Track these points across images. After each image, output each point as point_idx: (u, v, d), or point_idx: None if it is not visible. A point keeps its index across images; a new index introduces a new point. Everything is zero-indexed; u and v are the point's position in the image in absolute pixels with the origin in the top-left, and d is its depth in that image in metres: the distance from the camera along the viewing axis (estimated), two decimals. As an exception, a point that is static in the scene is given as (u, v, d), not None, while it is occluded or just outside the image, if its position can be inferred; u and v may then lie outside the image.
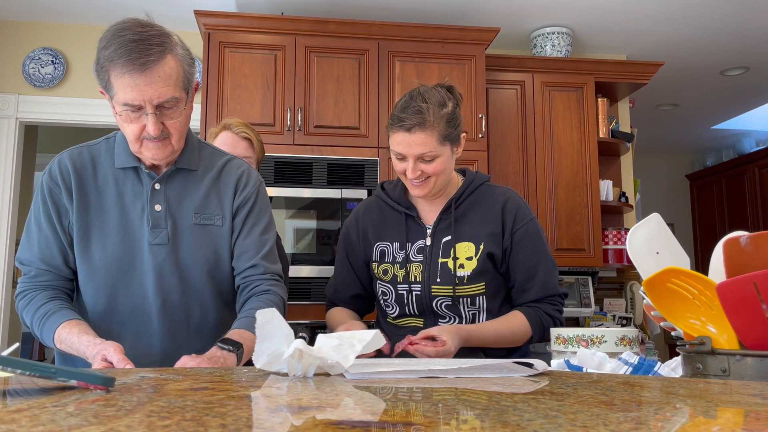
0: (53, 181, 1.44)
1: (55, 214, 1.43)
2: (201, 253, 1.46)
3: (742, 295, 0.88)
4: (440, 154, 1.61)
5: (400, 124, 1.60)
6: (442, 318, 1.67)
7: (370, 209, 1.79)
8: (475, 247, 1.65)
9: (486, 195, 1.72)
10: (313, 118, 3.29)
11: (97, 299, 1.43)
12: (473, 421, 0.53)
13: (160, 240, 1.43)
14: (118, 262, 1.42)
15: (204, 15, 3.28)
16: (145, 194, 1.44)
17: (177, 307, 1.44)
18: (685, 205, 6.99)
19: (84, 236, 1.42)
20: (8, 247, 3.73)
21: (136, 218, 1.43)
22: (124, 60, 1.28)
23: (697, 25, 3.91)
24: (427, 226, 1.70)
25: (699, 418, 0.58)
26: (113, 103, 1.34)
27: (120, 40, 1.29)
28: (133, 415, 0.54)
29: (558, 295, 1.71)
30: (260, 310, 0.95)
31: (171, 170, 1.45)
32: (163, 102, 1.32)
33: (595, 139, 3.79)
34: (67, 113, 3.82)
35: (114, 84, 1.31)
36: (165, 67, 1.31)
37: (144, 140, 1.36)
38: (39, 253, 1.43)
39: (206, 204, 1.48)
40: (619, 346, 1.27)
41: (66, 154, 1.48)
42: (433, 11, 3.71)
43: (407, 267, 1.68)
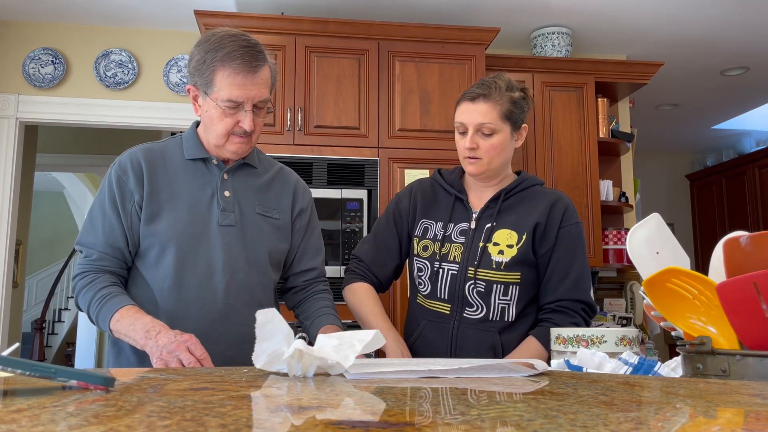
0: (122, 169, 1.55)
1: (119, 199, 1.53)
2: (264, 239, 1.59)
3: (742, 295, 0.88)
4: (499, 130, 1.66)
5: (465, 95, 1.70)
6: (470, 307, 1.65)
7: (423, 186, 1.83)
8: (518, 236, 1.66)
9: (537, 193, 1.74)
10: (313, 118, 3.29)
11: (165, 275, 1.51)
12: (473, 421, 0.53)
13: (229, 221, 1.55)
14: (187, 238, 1.52)
15: (204, 15, 3.28)
16: (215, 182, 1.57)
17: (242, 286, 1.54)
18: (685, 205, 6.99)
19: (155, 216, 1.52)
20: (8, 247, 3.73)
21: (205, 201, 1.55)
22: (237, 62, 1.46)
23: (697, 25, 3.91)
24: (473, 210, 1.72)
25: (699, 418, 0.58)
26: (209, 98, 1.49)
27: (232, 45, 1.47)
28: (133, 415, 0.54)
29: (582, 303, 1.67)
30: (260, 310, 0.96)
31: (239, 163, 1.60)
32: (260, 102, 1.50)
33: (595, 139, 3.79)
34: (67, 113, 3.82)
35: (219, 82, 1.47)
36: (266, 72, 1.51)
37: (232, 135, 1.52)
38: (103, 237, 1.52)
39: (266, 198, 1.63)
40: (619, 346, 1.27)
41: (136, 148, 1.60)
42: (433, 11, 3.71)
43: (447, 246, 1.69)
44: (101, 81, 3.83)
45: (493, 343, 1.63)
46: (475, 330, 1.64)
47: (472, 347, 1.63)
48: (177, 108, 3.86)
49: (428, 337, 1.69)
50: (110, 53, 3.85)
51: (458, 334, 1.65)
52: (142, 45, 3.91)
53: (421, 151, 3.34)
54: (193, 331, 1.41)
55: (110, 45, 3.88)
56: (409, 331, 1.78)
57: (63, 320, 9.03)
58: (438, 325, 1.68)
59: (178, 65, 3.89)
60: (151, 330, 1.36)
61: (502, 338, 1.64)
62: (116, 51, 3.86)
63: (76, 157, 5.86)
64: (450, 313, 1.66)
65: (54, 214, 9.48)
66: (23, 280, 5.12)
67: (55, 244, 9.56)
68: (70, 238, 9.31)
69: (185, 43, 3.92)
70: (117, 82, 3.84)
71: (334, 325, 1.58)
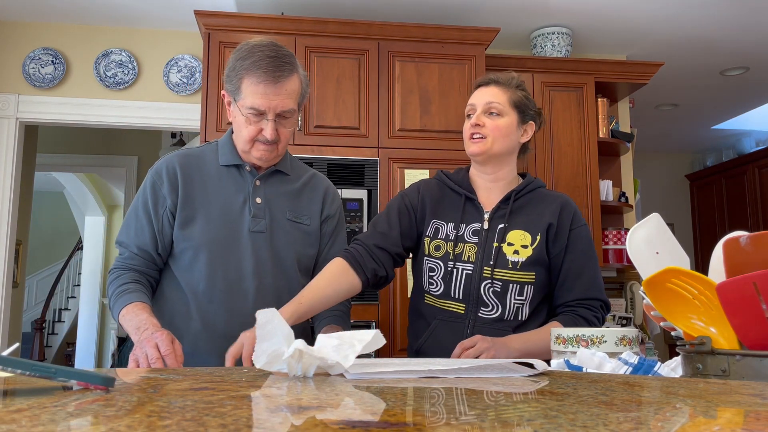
0: (157, 174, 1.62)
1: (152, 203, 1.59)
2: (293, 245, 1.64)
3: (742, 295, 0.88)
4: (506, 113, 1.70)
5: (479, 81, 1.76)
6: (485, 306, 1.66)
7: (430, 186, 1.81)
8: (532, 237, 1.68)
9: (545, 195, 1.77)
10: (313, 118, 3.29)
11: (199, 278, 1.57)
12: (473, 421, 0.53)
13: (259, 228, 1.60)
14: (219, 244, 1.57)
15: (204, 15, 3.28)
16: (247, 188, 1.63)
17: (270, 290, 1.60)
18: (685, 205, 6.99)
19: (189, 221, 1.58)
20: (8, 247, 3.73)
21: (237, 207, 1.61)
22: (261, 72, 1.50)
23: (697, 25, 3.90)
24: (485, 210, 1.73)
25: (699, 418, 0.58)
26: (237, 106, 1.56)
27: (259, 54, 1.52)
28: (133, 415, 0.54)
29: (600, 301, 1.70)
30: (260, 310, 0.96)
31: (271, 170, 1.66)
32: (284, 112, 1.54)
33: (595, 139, 3.79)
34: (67, 113, 3.82)
35: (244, 90, 1.53)
36: (291, 83, 1.55)
37: (256, 142, 1.57)
38: (135, 238, 1.60)
39: (297, 204, 1.68)
40: (619, 346, 1.27)
41: (172, 155, 1.66)
42: (433, 11, 3.71)
43: (461, 246, 1.69)
44: (101, 81, 3.83)
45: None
46: (490, 329, 1.64)
47: None
48: (177, 108, 3.86)
49: (440, 336, 1.68)
50: (110, 53, 3.85)
51: (473, 333, 1.64)
52: (142, 45, 3.91)
53: (421, 151, 3.34)
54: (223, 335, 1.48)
55: (110, 45, 3.88)
56: (416, 332, 1.76)
57: (63, 320, 9.03)
58: (451, 325, 1.67)
59: (178, 65, 3.89)
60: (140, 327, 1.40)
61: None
62: (116, 51, 3.86)
63: (76, 157, 5.86)
64: (464, 313, 1.66)
65: (54, 214, 9.48)
66: (23, 280, 5.12)
67: (55, 244, 9.56)
68: (70, 238, 9.33)
69: (185, 43, 3.92)
70: (117, 82, 3.84)
71: (337, 326, 1.61)
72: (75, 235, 9.14)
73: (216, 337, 1.54)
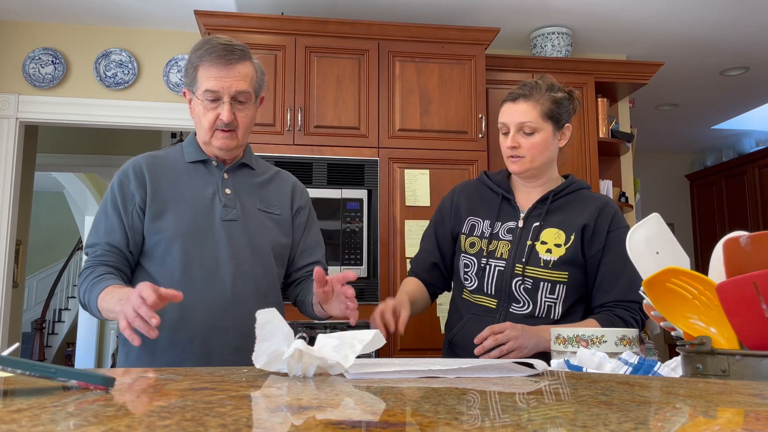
0: (124, 174, 1.63)
1: (120, 201, 1.60)
2: (266, 232, 1.66)
3: (742, 295, 0.88)
4: (540, 129, 1.71)
5: (507, 97, 1.75)
6: (517, 302, 1.67)
7: (468, 187, 1.87)
8: (566, 236, 1.69)
9: (586, 196, 1.77)
10: (313, 118, 3.29)
11: (174, 269, 1.57)
12: (473, 421, 0.53)
13: (231, 216, 1.62)
14: (192, 233, 1.58)
15: (204, 15, 3.28)
16: (216, 181, 1.64)
17: (248, 276, 1.60)
18: (685, 205, 6.99)
19: (159, 214, 1.59)
20: (8, 247, 3.73)
21: (207, 199, 1.62)
22: (213, 56, 1.55)
23: (697, 25, 3.90)
24: (521, 210, 1.75)
25: (699, 418, 0.58)
26: (195, 96, 1.59)
27: (211, 43, 1.57)
28: (133, 415, 0.54)
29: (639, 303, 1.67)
30: (260, 310, 0.96)
31: (237, 163, 1.69)
32: (238, 94, 1.57)
33: (595, 139, 3.79)
34: (67, 113, 3.82)
35: (199, 77, 1.57)
36: (244, 67, 1.58)
37: (216, 130, 1.59)
38: (105, 236, 1.59)
39: (266, 195, 1.70)
40: (619, 346, 1.27)
41: (138, 157, 1.67)
42: (433, 11, 3.71)
43: (495, 243, 1.72)
44: (101, 81, 3.83)
45: None
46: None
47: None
48: (177, 108, 3.86)
49: (472, 329, 1.68)
50: (110, 53, 3.85)
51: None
52: (142, 45, 3.91)
53: (421, 151, 3.34)
54: (203, 323, 1.53)
55: (110, 45, 3.88)
56: (450, 325, 1.80)
57: (63, 320, 9.03)
58: (483, 319, 1.69)
59: (178, 65, 3.89)
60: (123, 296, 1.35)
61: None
62: (116, 51, 3.86)
63: (76, 157, 5.86)
64: (496, 308, 1.69)
65: (54, 214, 9.48)
66: (23, 280, 5.12)
67: (55, 244, 9.56)
68: (70, 238, 9.32)
69: (185, 43, 3.92)
70: (117, 82, 3.84)
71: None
72: (75, 235, 9.14)
73: (196, 324, 1.54)
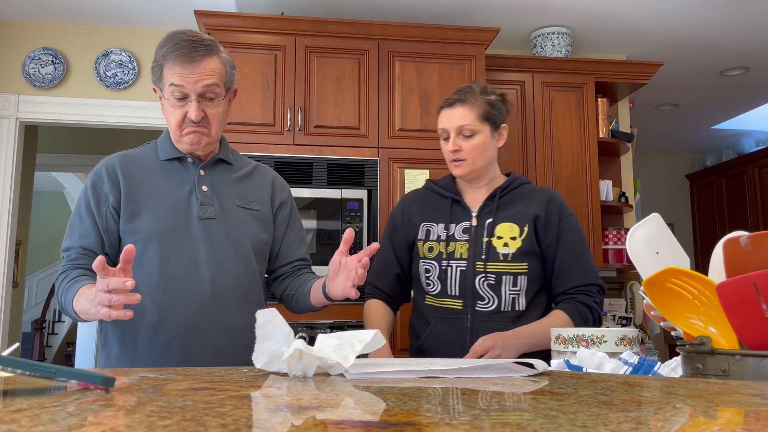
0: (97, 175, 1.59)
1: (94, 203, 1.56)
2: (246, 229, 1.61)
3: (742, 295, 0.88)
4: (479, 131, 1.75)
5: (444, 103, 1.80)
6: (482, 300, 1.71)
7: (416, 196, 1.91)
8: (519, 228, 1.74)
9: (530, 190, 1.84)
10: (313, 118, 3.29)
11: (150, 270, 1.52)
12: (473, 421, 0.53)
13: (209, 214, 1.57)
14: (169, 233, 1.54)
15: (204, 15, 3.28)
16: (192, 178, 1.59)
17: (228, 275, 1.56)
18: (685, 205, 6.99)
19: (134, 215, 1.54)
20: (8, 247, 3.73)
21: (184, 197, 1.58)
22: (177, 53, 1.49)
23: (697, 25, 3.90)
24: (472, 210, 1.80)
25: (699, 418, 0.58)
26: (163, 94, 1.54)
27: (175, 40, 1.51)
28: (133, 415, 0.54)
29: (597, 285, 1.77)
30: (260, 310, 0.96)
31: (213, 159, 1.63)
32: (206, 90, 1.51)
33: (595, 139, 3.79)
34: (67, 113, 3.82)
35: (165, 75, 1.51)
36: (210, 62, 1.52)
37: (185, 127, 1.54)
38: (79, 239, 1.55)
39: (244, 192, 1.65)
40: (619, 346, 1.27)
41: (111, 156, 1.64)
42: (433, 11, 3.71)
43: (453, 245, 1.75)
44: (101, 81, 3.83)
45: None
46: (489, 322, 1.69)
47: None
48: (177, 108, 3.86)
49: (440, 333, 1.73)
50: (110, 53, 3.85)
51: (472, 327, 1.69)
52: (142, 45, 3.90)
53: (421, 151, 3.34)
54: (183, 324, 1.49)
55: (110, 45, 3.88)
56: (417, 332, 1.82)
57: (63, 320, 9.02)
58: (451, 322, 1.72)
59: (178, 65, 3.89)
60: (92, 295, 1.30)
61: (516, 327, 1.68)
62: (116, 51, 3.86)
63: (76, 157, 5.86)
64: (462, 309, 1.71)
65: (54, 214, 9.48)
66: (23, 280, 5.12)
67: (55, 244, 9.52)
68: (70, 238, 9.31)
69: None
70: (117, 82, 3.84)
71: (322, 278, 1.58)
72: (75, 235, 9.13)
73: (175, 327, 1.51)
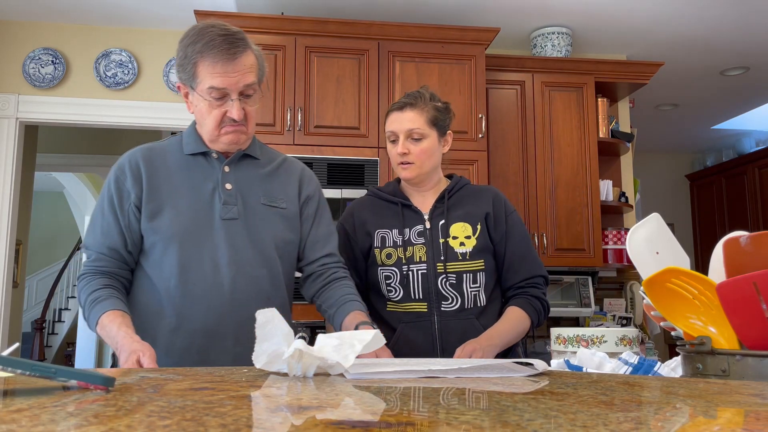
0: (120, 170, 1.55)
1: (117, 199, 1.52)
2: (270, 230, 1.56)
3: (742, 295, 0.88)
4: (427, 135, 1.78)
5: (393, 106, 1.83)
6: (445, 300, 1.74)
7: (363, 204, 1.91)
8: (472, 227, 1.79)
9: (474, 189, 1.89)
10: (313, 118, 3.29)
11: (170, 273, 1.49)
12: (473, 421, 0.53)
13: (231, 215, 1.52)
14: (190, 235, 1.49)
15: (204, 15, 3.28)
16: (216, 175, 1.54)
17: (248, 280, 1.51)
18: (685, 205, 6.99)
19: (156, 213, 1.50)
20: (8, 247, 3.73)
21: (207, 196, 1.53)
22: (215, 51, 1.43)
23: (697, 25, 3.90)
24: (423, 213, 1.82)
25: (699, 418, 0.58)
26: (196, 92, 1.48)
27: (210, 35, 1.44)
28: (133, 415, 0.54)
29: (543, 277, 1.84)
30: (260, 310, 0.96)
31: (239, 155, 1.58)
32: (246, 88, 1.47)
33: (595, 139, 3.79)
34: (67, 113, 3.82)
35: (201, 74, 1.45)
36: (248, 58, 1.47)
37: (224, 126, 1.50)
38: (101, 238, 1.51)
39: (270, 188, 1.60)
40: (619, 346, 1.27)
41: (136, 149, 1.59)
42: (433, 11, 3.71)
43: (410, 249, 1.77)
44: (101, 81, 3.83)
45: (474, 329, 1.71)
46: (455, 321, 1.73)
47: (457, 338, 1.68)
48: (177, 108, 3.86)
49: (409, 337, 1.74)
50: (110, 53, 3.85)
51: (440, 328, 1.73)
52: (142, 45, 3.91)
53: (421, 151, 3.33)
54: (201, 330, 1.46)
55: (110, 45, 3.88)
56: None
57: (63, 320, 9.02)
58: (417, 325, 1.74)
59: (178, 65, 3.89)
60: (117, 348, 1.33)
61: (481, 322, 1.74)
62: (116, 51, 3.86)
63: (76, 157, 5.86)
64: (428, 311, 1.74)
65: (54, 214, 9.48)
66: (23, 280, 5.12)
67: (55, 244, 9.55)
68: (70, 238, 9.32)
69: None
70: (117, 82, 3.84)
71: (360, 312, 1.53)
72: (75, 235, 9.14)
73: (192, 333, 1.48)
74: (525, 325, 1.76)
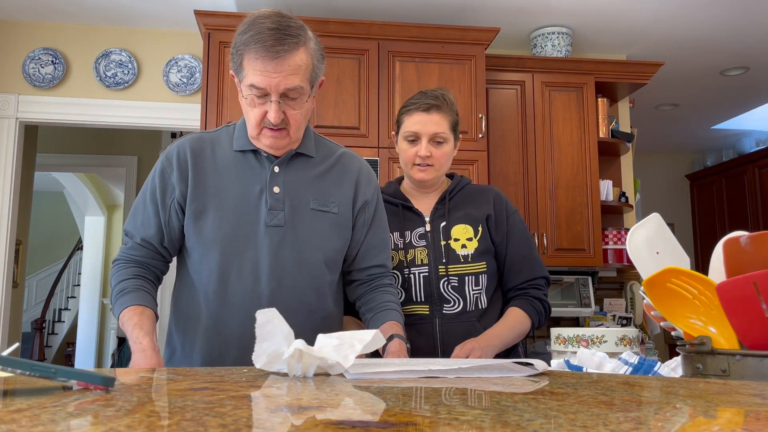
0: (167, 161, 1.47)
1: (160, 192, 1.46)
2: (317, 238, 1.47)
3: (742, 295, 0.88)
4: (449, 139, 1.77)
5: (417, 105, 1.75)
6: (447, 303, 1.73)
7: None
8: (473, 229, 1.78)
9: (475, 190, 1.88)
10: (313, 118, 3.28)
11: (209, 279, 1.43)
12: (473, 421, 0.53)
13: (277, 222, 1.44)
14: (231, 241, 1.42)
15: (204, 15, 3.28)
16: (265, 176, 1.45)
17: (290, 291, 1.43)
18: (685, 205, 6.99)
19: (200, 213, 1.44)
20: (8, 247, 3.73)
21: (253, 199, 1.44)
22: (259, 46, 1.31)
23: (697, 25, 3.90)
24: (424, 215, 1.81)
25: (699, 418, 0.58)
26: (241, 86, 1.38)
27: (259, 27, 1.33)
28: (133, 415, 0.54)
29: (544, 278, 1.83)
30: (260, 310, 0.96)
31: (290, 154, 1.48)
32: (288, 90, 1.36)
33: (595, 139, 3.79)
34: (67, 113, 3.82)
35: (245, 67, 1.35)
36: (296, 57, 1.35)
37: (264, 128, 1.40)
38: (141, 229, 1.47)
39: (323, 191, 1.50)
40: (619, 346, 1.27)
41: (186, 139, 1.51)
42: (433, 11, 3.71)
43: (412, 252, 1.76)
44: (101, 81, 3.83)
45: (476, 331, 1.71)
46: (457, 323, 1.72)
47: (458, 341, 1.68)
48: (177, 108, 3.86)
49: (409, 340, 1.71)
50: (110, 53, 3.85)
51: (441, 331, 1.72)
52: (142, 45, 3.91)
53: (421, 151, 3.33)
54: (237, 340, 1.38)
55: (110, 45, 3.88)
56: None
57: (63, 320, 9.03)
58: (418, 327, 1.73)
59: (178, 65, 3.89)
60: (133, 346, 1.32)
61: (482, 325, 1.73)
62: (116, 51, 3.85)
63: (76, 157, 5.85)
64: (430, 313, 1.73)
65: (54, 214, 9.47)
66: (23, 280, 5.11)
67: (55, 244, 9.55)
68: (70, 238, 9.32)
69: (185, 43, 3.92)
70: (117, 82, 3.84)
71: (395, 322, 1.48)
72: (75, 235, 9.14)
73: (228, 341, 1.41)
74: (525, 326, 1.76)
